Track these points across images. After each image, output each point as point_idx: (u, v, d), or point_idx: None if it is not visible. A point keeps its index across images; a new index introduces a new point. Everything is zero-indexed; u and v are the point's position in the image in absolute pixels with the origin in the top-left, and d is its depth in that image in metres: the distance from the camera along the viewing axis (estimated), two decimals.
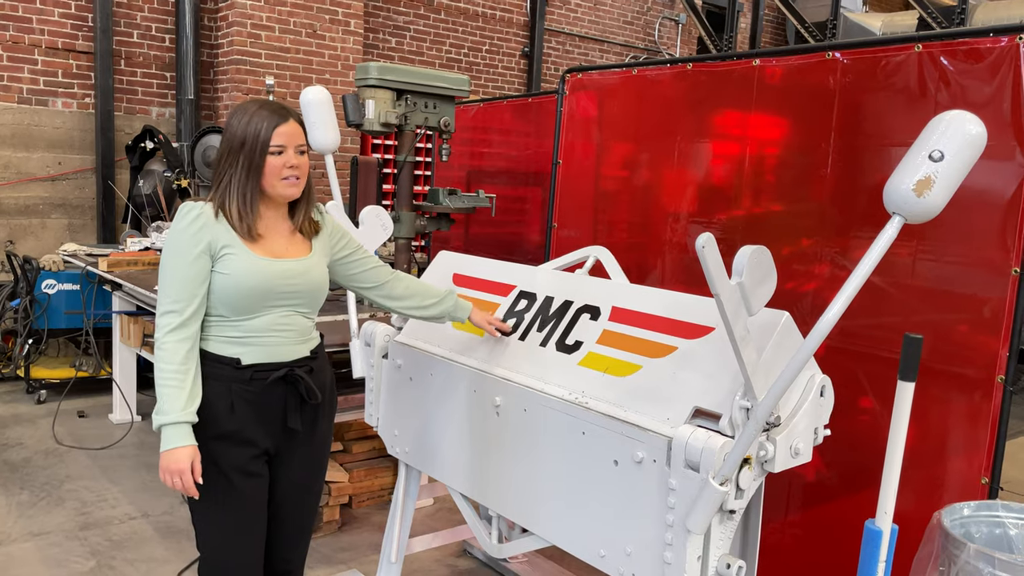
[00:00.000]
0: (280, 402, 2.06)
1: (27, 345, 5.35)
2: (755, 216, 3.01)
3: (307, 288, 2.07)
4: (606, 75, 3.38)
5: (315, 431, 2.16)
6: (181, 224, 1.96)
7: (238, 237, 1.98)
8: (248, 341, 2.01)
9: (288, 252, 2.07)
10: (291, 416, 2.07)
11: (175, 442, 1.87)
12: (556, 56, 9.65)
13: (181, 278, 1.94)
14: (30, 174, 6.24)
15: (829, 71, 2.57)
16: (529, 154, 4.81)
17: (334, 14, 6.97)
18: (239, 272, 1.96)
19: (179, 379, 1.90)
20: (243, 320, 2.00)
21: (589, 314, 2.27)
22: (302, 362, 2.09)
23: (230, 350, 2.00)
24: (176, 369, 1.90)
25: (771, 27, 12.66)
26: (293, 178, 2.01)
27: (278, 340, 2.04)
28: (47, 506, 3.68)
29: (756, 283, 1.63)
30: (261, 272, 1.98)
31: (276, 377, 2.02)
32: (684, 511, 1.77)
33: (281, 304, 2.03)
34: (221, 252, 1.96)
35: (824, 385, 1.94)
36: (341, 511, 3.57)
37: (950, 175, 1.46)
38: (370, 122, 3.32)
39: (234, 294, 1.97)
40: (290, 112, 2.04)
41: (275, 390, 2.04)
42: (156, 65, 6.77)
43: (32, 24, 6.16)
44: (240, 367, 2.00)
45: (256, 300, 1.99)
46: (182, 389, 1.89)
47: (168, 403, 1.88)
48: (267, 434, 2.05)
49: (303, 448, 2.15)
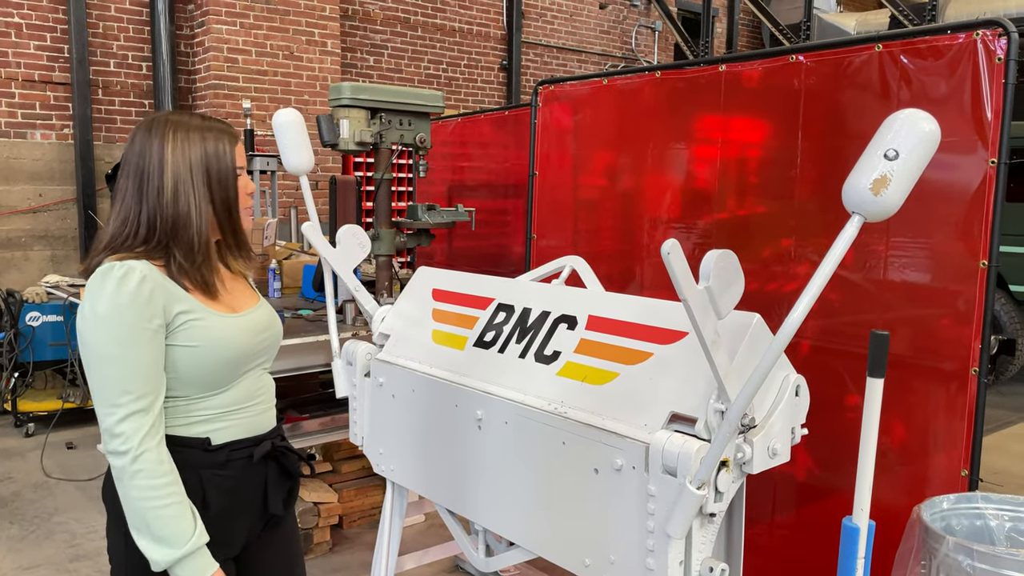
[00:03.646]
0: (260, 485, 1.67)
1: (13, 378, 5.33)
2: (731, 219, 3.04)
3: (274, 341, 1.75)
4: (578, 86, 3.41)
5: (288, 511, 1.80)
6: (123, 295, 1.46)
7: (194, 297, 1.56)
8: (219, 418, 1.61)
9: (240, 303, 1.68)
10: (272, 499, 1.69)
11: (203, 573, 1.48)
12: (535, 68, 9.72)
13: (142, 366, 1.47)
14: (11, 207, 6.23)
15: (794, 74, 2.60)
16: (508, 166, 4.84)
17: (311, 35, 7.01)
18: (212, 341, 1.55)
19: (176, 493, 1.48)
20: (210, 396, 1.60)
21: (566, 324, 2.28)
22: (275, 431, 1.75)
23: (196, 429, 1.59)
24: (170, 481, 1.47)
25: (747, 31, 12.78)
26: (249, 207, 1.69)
27: (257, 409, 1.69)
28: (37, 539, 3.66)
29: (723, 287, 1.64)
30: (237, 334, 1.60)
31: (253, 455, 1.64)
32: (664, 516, 1.77)
33: (254, 366, 1.68)
34: (179, 321, 1.52)
35: (799, 384, 1.95)
36: (332, 532, 3.56)
37: (905, 173, 1.48)
38: (345, 141, 3.33)
39: (207, 368, 1.56)
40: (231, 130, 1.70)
41: (256, 471, 1.66)
42: (134, 93, 6.79)
43: (8, 57, 6.17)
44: (211, 449, 1.59)
45: (233, 369, 1.61)
46: (183, 504, 1.49)
47: (172, 527, 1.46)
48: (244, 528, 1.67)
49: (278, 534, 1.78)
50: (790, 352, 2.36)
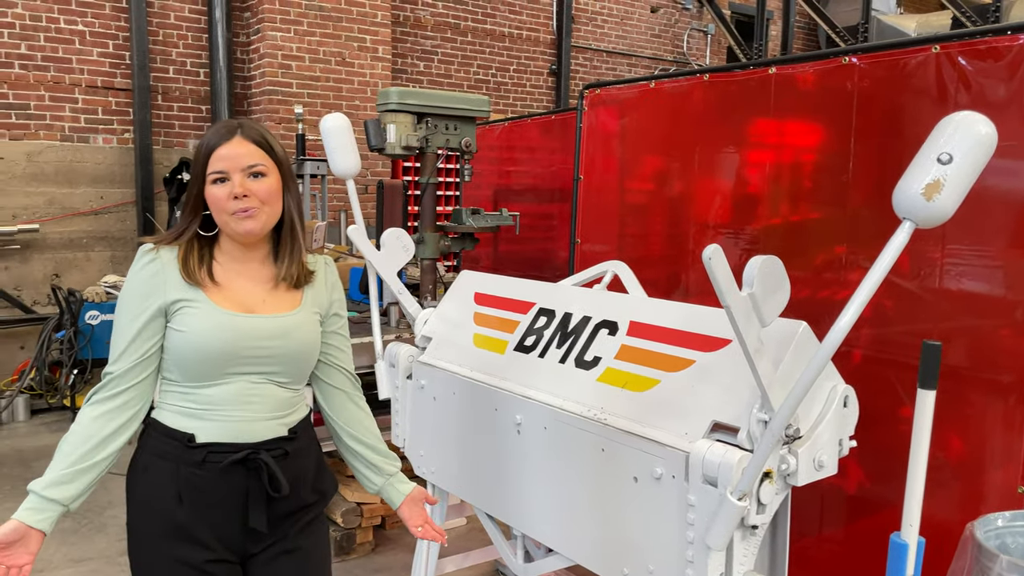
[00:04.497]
0: (240, 496, 1.62)
1: (72, 375, 5.50)
2: (782, 225, 2.98)
3: (287, 353, 1.66)
4: (624, 89, 3.39)
5: (299, 542, 1.72)
6: (132, 271, 1.63)
7: (201, 289, 1.61)
8: (204, 415, 1.61)
9: (264, 306, 1.66)
10: (253, 513, 1.63)
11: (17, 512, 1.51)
12: (584, 72, 9.69)
13: (126, 335, 1.59)
14: (74, 209, 6.44)
15: (847, 76, 2.53)
16: (555, 170, 4.83)
17: (362, 41, 7.10)
18: (196, 330, 1.58)
19: (71, 448, 1.56)
20: (197, 388, 1.61)
21: (607, 329, 2.26)
22: (274, 443, 1.66)
23: (182, 423, 1.61)
24: (76, 442, 1.56)
25: (803, 34, 12.54)
26: (244, 211, 1.60)
27: (244, 415, 1.63)
28: (89, 532, 3.76)
29: (768, 293, 1.60)
30: (221, 330, 1.59)
31: (231, 461, 1.59)
32: (704, 527, 1.74)
33: (249, 371, 1.63)
34: (177, 306, 1.60)
35: (847, 395, 1.90)
36: (374, 532, 3.59)
37: (959, 178, 1.43)
38: (391, 146, 3.36)
39: (190, 356, 1.58)
40: (241, 127, 1.65)
41: (232, 478, 1.61)
42: (192, 99, 6.95)
43: (72, 64, 6.37)
44: (192, 445, 1.60)
45: (215, 365, 1.60)
46: (66, 460, 1.55)
47: (48, 470, 1.54)
48: (223, 537, 1.63)
49: (290, 563, 1.71)
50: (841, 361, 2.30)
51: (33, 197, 6.26)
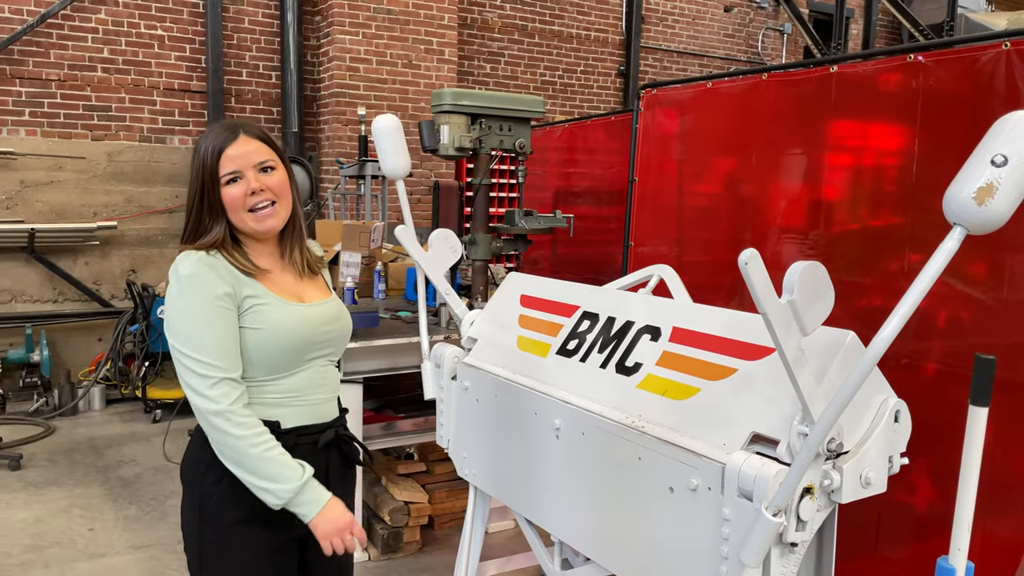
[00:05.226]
0: (323, 470, 1.77)
1: (144, 367, 5.71)
2: (850, 231, 2.86)
3: (342, 335, 1.83)
4: (680, 90, 3.31)
5: (345, 495, 1.86)
6: (194, 275, 1.61)
7: (259, 283, 1.68)
8: (286, 402, 1.72)
9: (307, 294, 1.79)
10: (333, 484, 1.77)
11: (320, 500, 1.63)
12: (653, 73, 9.56)
13: (219, 334, 1.60)
14: (150, 207, 6.68)
15: (911, 74, 2.42)
16: (614, 172, 4.77)
17: (429, 44, 7.16)
18: (275, 324, 1.66)
19: (272, 443, 1.63)
20: (279, 379, 1.70)
21: (649, 335, 2.20)
22: (339, 420, 1.86)
23: (267, 412, 1.69)
24: (266, 437, 1.63)
25: (885, 32, 12.10)
26: (264, 206, 1.68)
27: (320, 397, 1.78)
28: (151, 520, 3.88)
29: (809, 300, 1.53)
30: (300, 320, 1.70)
31: (327, 441, 1.76)
32: (739, 542, 1.67)
33: (318, 356, 1.76)
34: (248, 303, 1.65)
35: (899, 409, 1.80)
36: (422, 532, 3.60)
37: (1016, 181, 1.33)
38: (445, 147, 3.37)
39: (272, 350, 1.66)
40: (241, 125, 1.71)
41: (320, 457, 1.76)
42: (263, 101, 7.14)
43: (151, 68, 6.62)
44: (281, 432, 1.69)
45: (295, 355, 1.70)
46: (283, 452, 1.63)
47: (279, 470, 1.60)
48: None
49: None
50: (913, 375, 2.20)
51: (113, 196, 6.53)
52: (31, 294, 6.30)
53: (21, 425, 5.56)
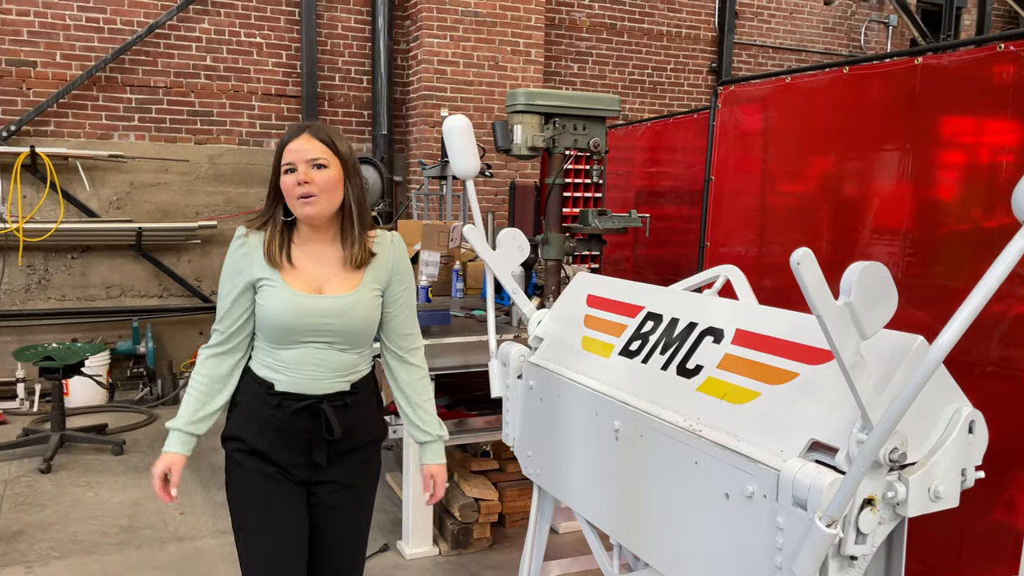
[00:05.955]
0: (306, 434, 2.01)
1: None
2: (953, 232, 2.72)
3: (346, 328, 1.99)
4: (759, 86, 3.21)
5: (354, 476, 2.11)
6: (229, 252, 2.00)
7: (277, 269, 1.96)
8: (280, 370, 1.99)
9: (330, 286, 2.00)
10: (316, 450, 2.02)
11: (166, 447, 1.98)
12: (747, 70, 9.31)
13: (224, 304, 2.00)
14: (248, 207, 6.98)
15: (1001, 65, 2.27)
16: (696, 171, 4.66)
17: (515, 45, 7.20)
18: (270, 305, 1.94)
19: (199, 392, 1.99)
20: (276, 349, 1.99)
21: (712, 337, 2.15)
22: (337, 396, 2.03)
23: (265, 373, 2.01)
24: (201, 383, 1.99)
25: (1000, 23, 11.39)
26: (306, 196, 1.90)
27: (311, 374, 1.99)
28: None
29: (868, 303, 1.46)
30: (291, 308, 1.94)
31: (298, 408, 1.98)
32: (792, 553, 1.61)
33: (313, 340, 1.98)
34: (260, 283, 1.96)
35: (974, 420, 1.70)
36: (492, 529, 3.62)
37: None
38: (518, 147, 3.38)
39: (267, 325, 1.96)
40: (309, 126, 1.97)
41: (300, 421, 2.00)
42: (355, 104, 7.34)
43: (250, 74, 6.91)
44: (272, 392, 1.99)
45: (285, 334, 1.96)
46: (198, 401, 1.99)
47: (181, 409, 2.00)
48: (294, 464, 2.03)
49: (348, 493, 2.11)
50: (1006, 384, 2.08)
51: (213, 196, 6.86)
52: (139, 289, 6.68)
53: (126, 412, 5.90)
